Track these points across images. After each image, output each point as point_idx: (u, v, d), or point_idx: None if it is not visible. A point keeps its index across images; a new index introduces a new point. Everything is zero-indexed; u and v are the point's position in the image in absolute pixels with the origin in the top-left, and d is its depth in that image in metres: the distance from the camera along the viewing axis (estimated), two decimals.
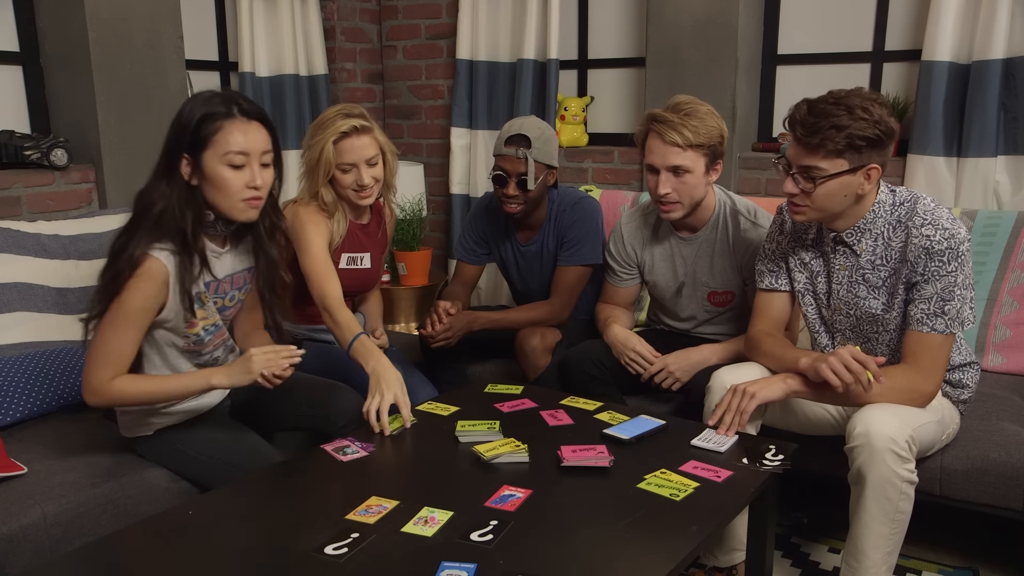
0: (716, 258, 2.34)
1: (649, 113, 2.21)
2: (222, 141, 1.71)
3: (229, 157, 1.72)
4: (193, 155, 1.73)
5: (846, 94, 1.80)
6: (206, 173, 1.73)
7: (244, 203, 1.76)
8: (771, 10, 3.25)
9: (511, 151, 2.44)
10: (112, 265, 1.73)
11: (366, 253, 2.45)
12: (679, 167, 2.17)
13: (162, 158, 1.76)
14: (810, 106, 1.81)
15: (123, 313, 1.72)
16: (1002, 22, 2.63)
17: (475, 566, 1.34)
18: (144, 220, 1.73)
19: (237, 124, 1.73)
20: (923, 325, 1.86)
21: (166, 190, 1.73)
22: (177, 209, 1.73)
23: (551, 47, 3.44)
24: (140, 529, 1.53)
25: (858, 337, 2.01)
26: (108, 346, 1.74)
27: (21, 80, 2.87)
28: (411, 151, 4.09)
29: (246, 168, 1.74)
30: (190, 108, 1.74)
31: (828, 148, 1.79)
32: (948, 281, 1.83)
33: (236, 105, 1.74)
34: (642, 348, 2.31)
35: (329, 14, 3.79)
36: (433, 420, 2.00)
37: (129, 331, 1.74)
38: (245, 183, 1.74)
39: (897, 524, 1.81)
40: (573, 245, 2.56)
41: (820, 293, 2.03)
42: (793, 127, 1.84)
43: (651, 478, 1.66)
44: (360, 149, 2.25)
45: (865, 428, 1.77)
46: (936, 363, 1.87)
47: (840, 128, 1.77)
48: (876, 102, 1.80)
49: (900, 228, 1.88)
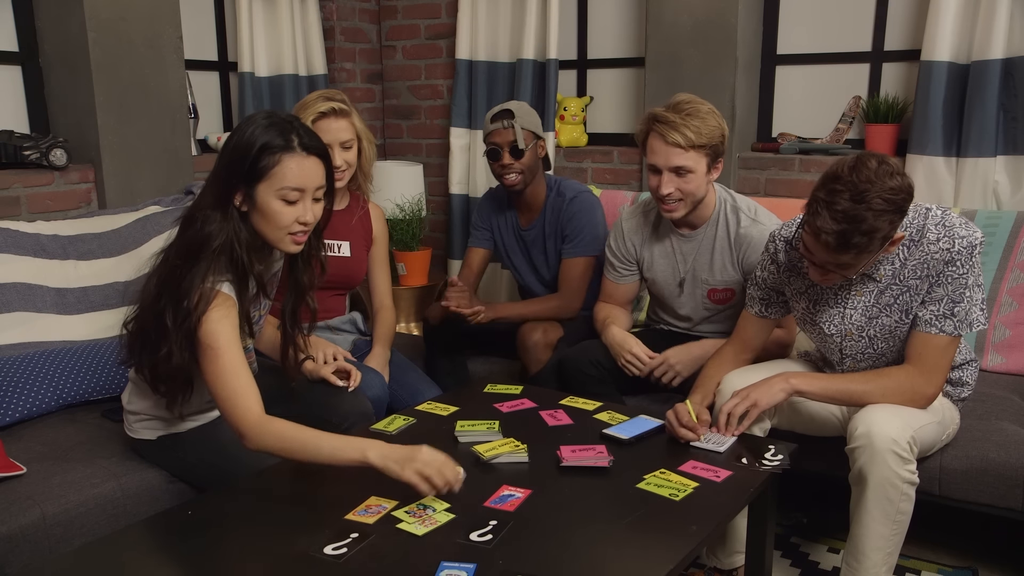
0: (716, 255, 2.34)
1: (650, 113, 2.20)
2: (279, 175, 1.67)
3: (284, 192, 1.68)
4: (247, 185, 1.68)
5: (859, 180, 1.66)
6: (258, 204, 1.69)
7: (291, 237, 1.73)
8: (770, 10, 3.25)
9: (498, 125, 2.59)
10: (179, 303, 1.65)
11: (344, 241, 2.46)
12: (682, 167, 2.17)
13: (216, 187, 1.69)
14: (830, 211, 1.68)
15: (223, 345, 1.64)
16: (1001, 22, 2.63)
17: (475, 566, 1.34)
18: (203, 253, 1.66)
19: (296, 159, 1.68)
20: (931, 327, 1.85)
21: (223, 223, 1.67)
22: (237, 241, 1.68)
23: (550, 47, 3.44)
24: (140, 529, 1.53)
25: (870, 355, 1.99)
26: (232, 384, 1.63)
27: (20, 80, 2.87)
28: (410, 151, 4.09)
29: (299, 203, 1.71)
30: (250, 134, 1.67)
31: (862, 255, 1.73)
32: (960, 283, 1.82)
33: (297, 137, 1.69)
34: (638, 350, 2.32)
35: (328, 14, 3.79)
36: (433, 420, 2.00)
37: (237, 358, 1.66)
38: (296, 218, 1.71)
39: (898, 525, 1.81)
40: (575, 237, 2.63)
41: (824, 323, 1.99)
42: (817, 235, 1.71)
43: (650, 478, 1.66)
44: (336, 131, 2.30)
45: (867, 429, 1.77)
46: (939, 365, 1.87)
47: (871, 234, 1.68)
48: (889, 175, 1.67)
49: (915, 247, 1.85)
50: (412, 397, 2.31)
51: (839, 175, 1.69)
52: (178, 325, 1.65)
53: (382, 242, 2.58)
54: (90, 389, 2.25)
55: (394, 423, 1.97)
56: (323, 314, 2.47)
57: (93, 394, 2.25)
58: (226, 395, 1.64)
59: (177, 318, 1.65)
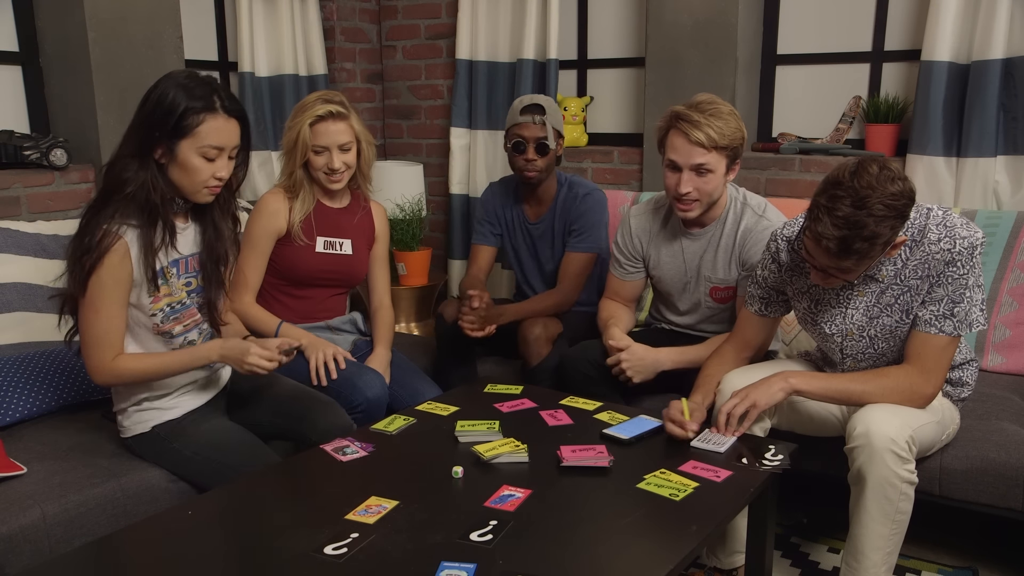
0: (721, 253, 2.34)
1: (673, 110, 2.19)
2: (202, 134, 1.78)
3: (205, 150, 1.80)
4: (170, 140, 1.78)
5: (860, 186, 1.67)
6: (178, 158, 1.80)
7: (206, 189, 1.85)
8: (770, 10, 3.25)
9: (527, 119, 2.60)
10: (80, 243, 1.77)
11: (346, 239, 2.46)
12: (702, 166, 2.17)
13: (135, 138, 1.79)
14: (831, 217, 1.68)
15: (99, 291, 1.77)
16: (1001, 22, 2.63)
17: (475, 566, 1.35)
18: (114, 197, 1.79)
19: (219, 119, 1.80)
20: (931, 327, 1.85)
21: (139, 171, 1.78)
22: (151, 187, 1.79)
23: (551, 47, 3.44)
24: (140, 529, 1.53)
25: (871, 355, 1.99)
26: (96, 328, 1.80)
27: (21, 80, 2.87)
28: (410, 151, 4.09)
29: (217, 160, 1.83)
30: (175, 94, 1.76)
31: (863, 260, 1.74)
32: (960, 284, 1.83)
33: (219, 100, 1.80)
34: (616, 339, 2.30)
35: (328, 14, 3.79)
36: (433, 420, 2.00)
37: (111, 307, 1.79)
38: (213, 173, 1.83)
39: (897, 524, 1.81)
40: (583, 232, 2.67)
41: (825, 322, 2.00)
42: (818, 240, 1.72)
43: (651, 478, 1.66)
44: (334, 134, 2.30)
45: (865, 428, 1.77)
46: (939, 365, 1.87)
47: (872, 240, 1.68)
48: (890, 180, 1.67)
49: (916, 248, 1.86)
50: (412, 397, 2.31)
51: (840, 181, 1.69)
52: (77, 258, 1.77)
53: (383, 240, 2.58)
54: (90, 389, 2.25)
55: (394, 423, 1.97)
56: (323, 314, 2.48)
57: (93, 394, 2.25)
58: (85, 339, 1.82)
59: (77, 250, 1.77)
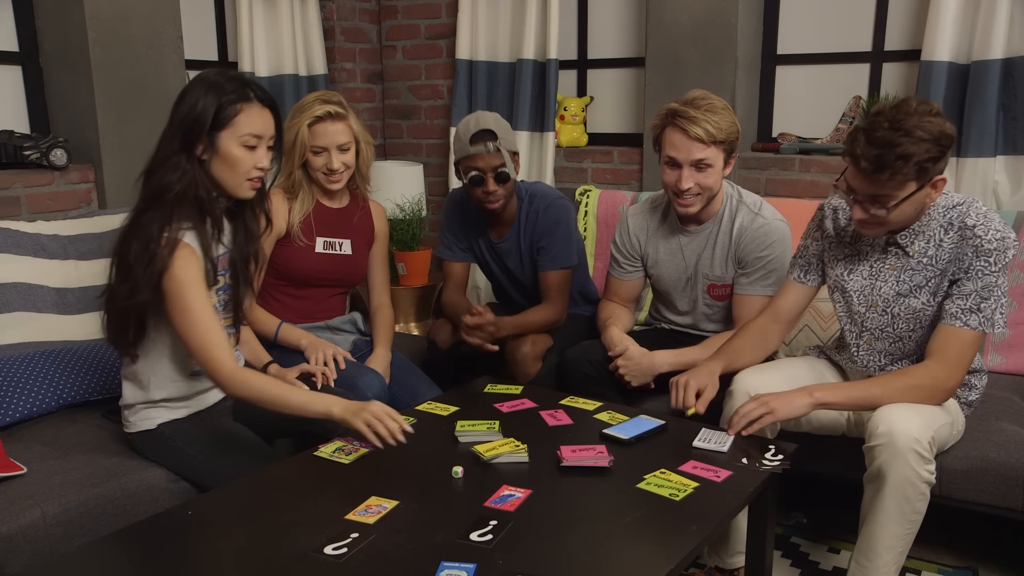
0: (718, 251, 2.34)
1: (669, 108, 2.20)
2: (241, 123, 1.80)
3: (245, 138, 1.81)
4: (210, 134, 1.79)
5: (898, 114, 1.73)
6: (220, 150, 1.81)
7: (248, 183, 1.86)
8: (770, 10, 3.25)
9: (480, 148, 2.36)
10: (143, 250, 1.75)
11: (345, 239, 2.45)
12: (702, 161, 2.18)
13: (175, 138, 1.80)
14: (868, 137, 1.74)
15: (181, 292, 1.75)
16: (1001, 22, 2.63)
17: (475, 566, 1.35)
18: (160, 200, 1.78)
19: (255, 108, 1.83)
20: (957, 320, 1.85)
21: (183, 170, 1.78)
22: (197, 184, 1.80)
23: (551, 47, 3.44)
24: (140, 529, 1.53)
25: (889, 335, 1.99)
26: (198, 329, 1.76)
27: (20, 80, 2.87)
28: (410, 151, 4.09)
29: (257, 150, 1.84)
30: (207, 92, 1.79)
31: (897, 179, 1.75)
32: (989, 281, 1.83)
33: (252, 91, 1.84)
34: (616, 339, 2.30)
35: (329, 14, 3.79)
36: (433, 420, 2.00)
37: (201, 304, 1.77)
38: (254, 164, 1.84)
39: (912, 524, 1.81)
40: (550, 250, 2.51)
41: (854, 291, 2.01)
42: (856, 162, 1.76)
43: (651, 478, 1.66)
44: (333, 134, 2.30)
45: (888, 427, 1.76)
46: (962, 359, 1.86)
47: (907, 158, 1.71)
48: (930, 114, 1.74)
49: (952, 230, 1.87)
50: (412, 397, 2.31)
51: (881, 110, 1.77)
52: (144, 265, 1.75)
53: (383, 240, 2.58)
54: (90, 389, 2.25)
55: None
56: (323, 314, 2.48)
57: (93, 394, 2.26)
58: (201, 349, 1.77)
59: (142, 258, 1.75)
